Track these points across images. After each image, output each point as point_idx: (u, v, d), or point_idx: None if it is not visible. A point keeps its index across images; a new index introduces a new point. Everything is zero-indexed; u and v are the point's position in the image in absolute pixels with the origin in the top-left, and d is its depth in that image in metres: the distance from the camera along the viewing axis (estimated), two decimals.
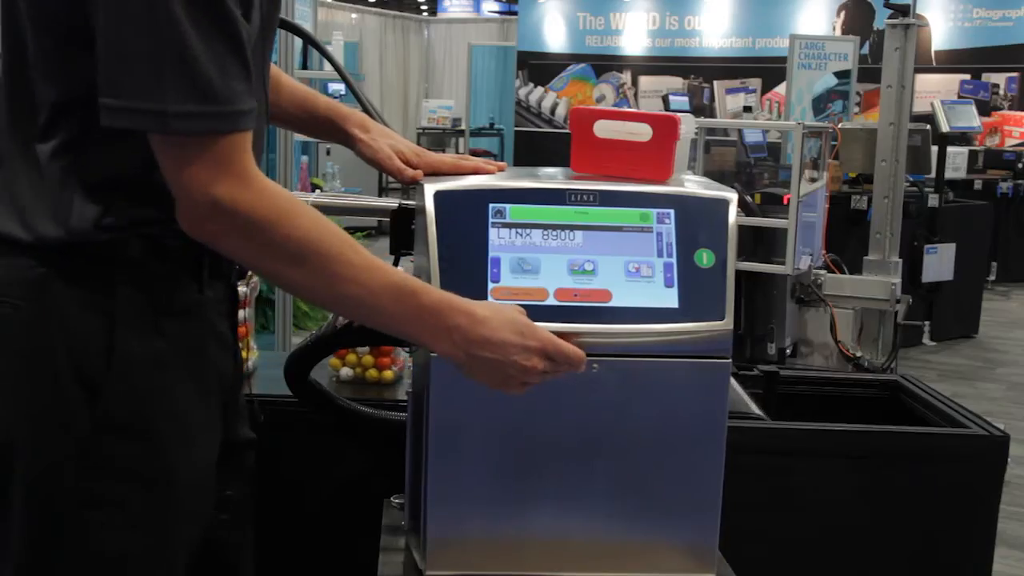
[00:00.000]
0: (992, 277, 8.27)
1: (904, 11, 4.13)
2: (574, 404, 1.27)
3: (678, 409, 1.29)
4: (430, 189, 1.25)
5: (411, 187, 1.38)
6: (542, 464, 1.28)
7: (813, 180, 4.29)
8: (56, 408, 1.16)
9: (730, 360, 1.30)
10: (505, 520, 1.29)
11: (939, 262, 5.75)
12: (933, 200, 5.98)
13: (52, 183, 1.17)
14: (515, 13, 14.50)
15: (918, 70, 5.37)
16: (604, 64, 12.83)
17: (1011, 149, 9.04)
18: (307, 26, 5.89)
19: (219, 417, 1.31)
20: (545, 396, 1.25)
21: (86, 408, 1.16)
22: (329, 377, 2.01)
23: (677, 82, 12.23)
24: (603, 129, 1.36)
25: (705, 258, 1.27)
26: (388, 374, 2.01)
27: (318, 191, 6.05)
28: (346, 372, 2.01)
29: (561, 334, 1.20)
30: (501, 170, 1.40)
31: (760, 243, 4.24)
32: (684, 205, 1.29)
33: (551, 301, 1.24)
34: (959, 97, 10.22)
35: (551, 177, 1.36)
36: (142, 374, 1.18)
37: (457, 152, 11.52)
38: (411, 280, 1.19)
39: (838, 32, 10.99)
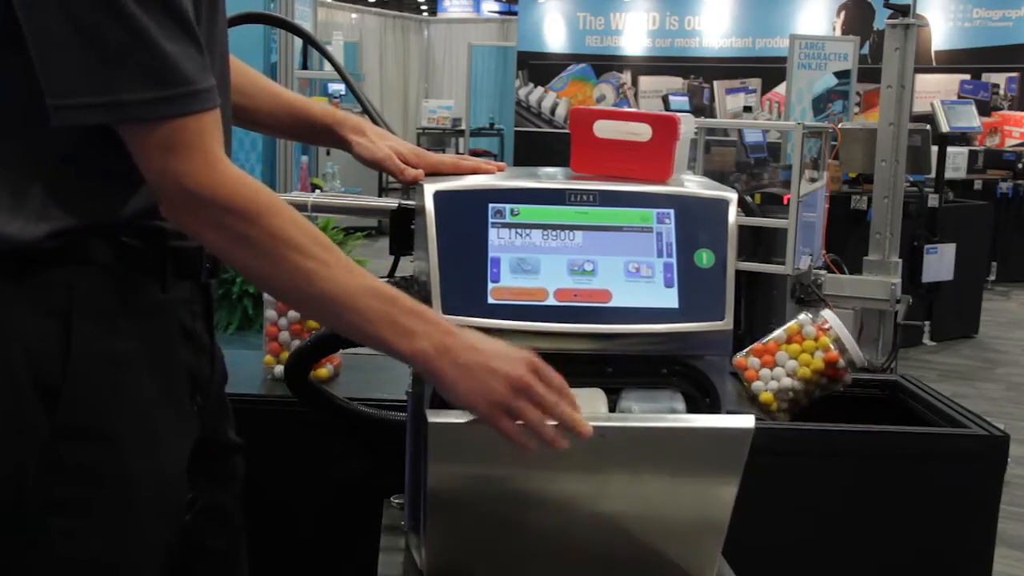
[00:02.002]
0: (992, 277, 8.28)
1: (904, 11, 4.13)
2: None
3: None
4: (430, 189, 1.25)
5: (411, 187, 1.38)
6: (543, 465, 1.28)
7: (813, 180, 4.29)
8: (14, 413, 1.13)
9: (730, 360, 1.30)
10: (505, 520, 1.29)
11: (939, 262, 5.75)
12: (933, 200, 5.98)
13: (3, 186, 1.14)
14: (515, 13, 14.51)
15: (918, 70, 5.37)
16: (604, 64, 12.83)
17: (1011, 149, 9.05)
18: (307, 26, 5.90)
19: (192, 418, 1.29)
20: None
21: (45, 412, 1.13)
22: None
23: (677, 82, 12.24)
24: (603, 129, 1.36)
25: (705, 258, 1.27)
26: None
27: (318, 191, 6.06)
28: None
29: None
30: (501, 170, 1.40)
31: (760, 243, 4.24)
32: (684, 205, 1.29)
33: (551, 301, 1.24)
34: (959, 97, 10.23)
35: (551, 177, 1.36)
36: (101, 376, 1.15)
37: (457, 152, 11.52)
38: (388, 287, 1.18)
39: (838, 32, 11.00)
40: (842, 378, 2.05)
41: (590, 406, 1.23)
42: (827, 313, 2.07)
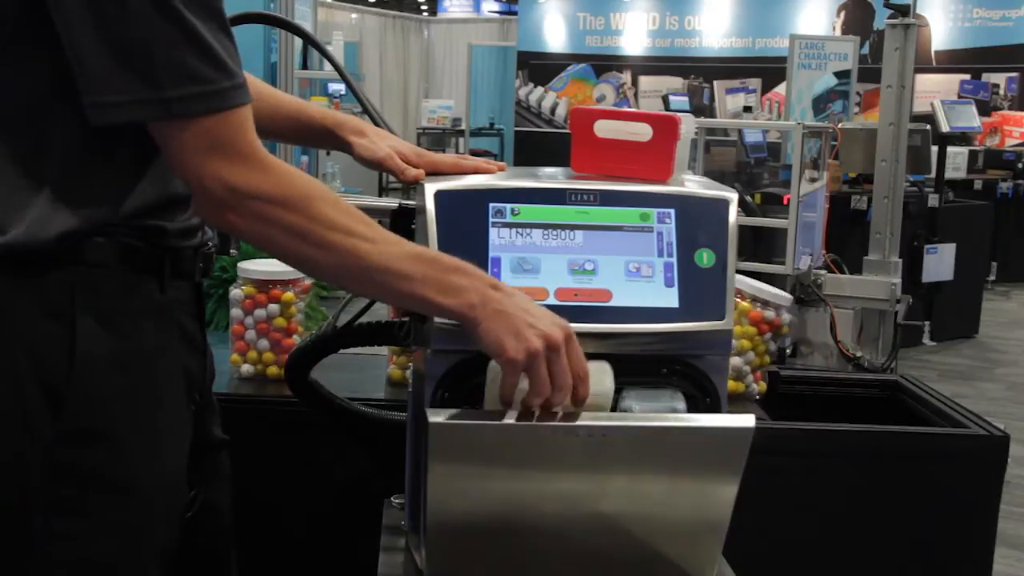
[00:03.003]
0: (992, 277, 8.29)
1: (904, 11, 4.13)
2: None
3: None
4: (430, 189, 1.25)
5: (411, 187, 1.38)
6: (543, 465, 1.28)
7: (813, 180, 4.29)
8: (19, 415, 1.12)
9: (730, 360, 1.30)
10: (505, 520, 1.29)
11: (939, 262, 5.76)
12: (933, 200, 5.99)
13: (5, 185, 1.13)
14: (515, 13, 14.52)
15: (918, 70, 5.38)
16: (604, 64, 12.84)
17: (1011, 149, 9.05)
18: (307, 26, 5.89)
19: (189, 419, 1.29)
20: None
21: (49, 414, 1.12)
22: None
23: (677, 82, 12.24)
24: (603, 129, 1.36)
25: (705, 258, 1.27)
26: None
27: None
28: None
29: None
30: (501, 170, 1.40)
31: (760, 243, 4.24)
32: (684, 205, 1.29)
33: (551, 301, 1.23)
34: (959, 97, 10.23)
35: (551, 177, 1.36)
36: (104, 378, 1.15)
37: (457, 152, 11.52)
38: (427, 249, 1.20)
39: (838, 32, 11.01)
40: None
41: (597, 380, 1.22)
42: None
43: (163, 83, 1.06)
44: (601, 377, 1.22)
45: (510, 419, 1.17)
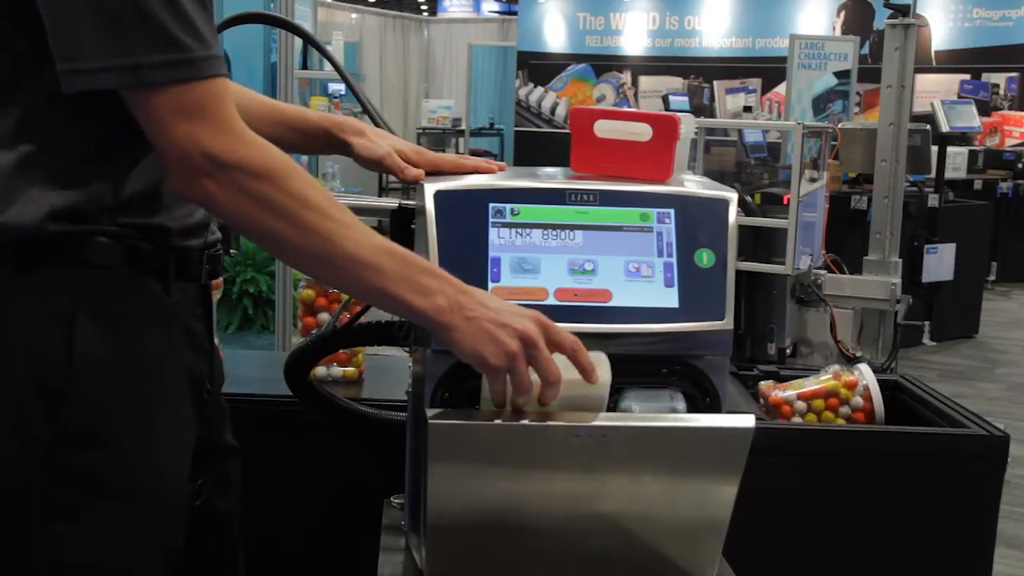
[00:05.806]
0: (992, 277, 8.29)
1: (904, 11, 4.13)
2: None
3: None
4: (430, 189, 1.25)
5: (411, 187, 1.38)
6: (543, 465, 1.28)
7: (813, 180, 4.29)
8: (16, 418, 1.11)
9: (729, 359, 1.30)
10: (505, 520, 1.29)
11: (939, 262, 5.76)
12: (933, 200, 5.99)
13: (3, 174, 1.11)
14: (515, 13, 14.52)
15: (918, 70, 5.38)
16: (604, 64, 12.84)
17: (1011, 149, 9.05)
18: (307, 26, 5.89)
19: (192, 423, 1.27)
20: None
21: (47, 417, 1.11)
22: None
23: (677, 82, 12.24)
24: (603, 129, 1.36)
25: (705, 258, 1.27)
26: None
27: None
28: None
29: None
30: (501, 170, 1.40)
31: (760, 243, 4.24)
32: (684, 205, 1.29)
33: (551, 301, 1.23)
34: (959, 97, 10.23)
35: (551, 177, 1.36)
36: (104, 381, 1.14)
37: (457, 152, 11.52)
38: (401, 247, 1.17)
39: (838, 32, 11.01)
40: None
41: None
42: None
43: (135, 50, 1.05)
44: (599, 368, 1.21)
45: (506, 419, 1.17)
